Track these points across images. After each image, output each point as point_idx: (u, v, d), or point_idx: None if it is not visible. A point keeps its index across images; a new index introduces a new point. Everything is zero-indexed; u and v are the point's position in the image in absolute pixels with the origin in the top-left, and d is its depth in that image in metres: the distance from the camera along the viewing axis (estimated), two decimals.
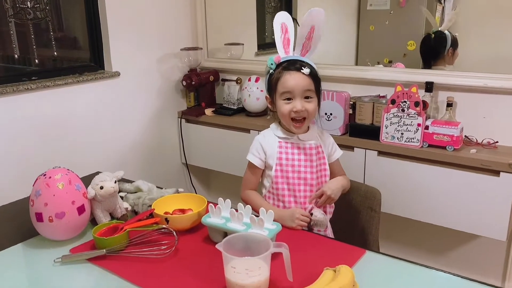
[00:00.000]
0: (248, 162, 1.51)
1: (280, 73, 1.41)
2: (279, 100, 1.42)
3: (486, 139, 1.90)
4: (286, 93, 1.40)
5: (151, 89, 2.57)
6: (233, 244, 1.03)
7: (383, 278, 1.08)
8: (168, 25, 2.59)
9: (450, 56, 2.24)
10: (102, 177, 1.31)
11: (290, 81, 1.39)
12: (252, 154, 1.50)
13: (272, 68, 1.45)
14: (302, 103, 1.40)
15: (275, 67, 1.44)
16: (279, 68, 1.43)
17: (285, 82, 1.40)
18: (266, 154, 1.47)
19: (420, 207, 1.93)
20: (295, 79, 1.39)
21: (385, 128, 1.95)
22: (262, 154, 1.48)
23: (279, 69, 1.42)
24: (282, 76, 1.40)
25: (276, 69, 1.44)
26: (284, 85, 1.40)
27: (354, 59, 2.73)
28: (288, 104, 1.41)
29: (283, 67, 1.42)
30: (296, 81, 1.39)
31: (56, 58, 2.26)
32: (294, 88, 1.39)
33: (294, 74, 1.39)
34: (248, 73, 2.52)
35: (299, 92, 1.39)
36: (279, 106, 1.43)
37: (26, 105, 2.01)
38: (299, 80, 1.39)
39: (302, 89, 1.39)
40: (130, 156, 2.51)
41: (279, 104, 1.42)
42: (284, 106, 1.41)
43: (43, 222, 1.20)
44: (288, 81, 1.39)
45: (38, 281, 1.12)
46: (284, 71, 1.41)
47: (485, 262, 2.11)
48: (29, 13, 2.05)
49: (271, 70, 1.45)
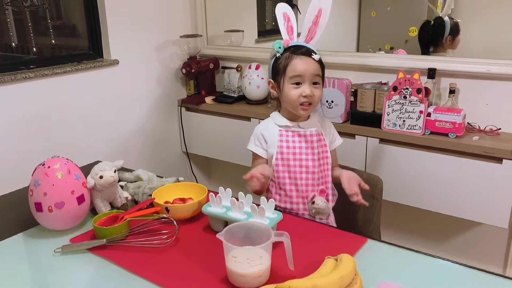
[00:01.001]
0: (252, 154, 1.49)
1: (289, 57, 1.40)
2: (287, 85, 1.41)
3: (488, 126, 1.89)
4: (296, 77, 1.39)
5: (150, 77, 2.55)
6: (234, 233, 1.03)
7: (385, 267, 1.08)
8: (167, 12, 2.56)
9: (449, 44, 2.21)
10: (101, 167, 1.29)
11: (301, 65, 1.38)
12: (254, 144, 1.48)
13: (279, 52, 1.43)
14: (311, 88, 1.39)
15: (282, 51, 1.43)
16: (287, 52, 1.41)
17: (295, 66, 1.38)
18: (267, 143, 1.46)
19: (422, 194, 1.92)
20: (306, 64, 1.38)
21: (387, 115, 1.93)
22: (264, 143, 1.47)
23: (288, 53, 1.41)
24: (292, 60, 1.39)
25: (284, 53, 1.42)
26: (294, 68, 1.38)
27: (356, 46, 2.70)
28: (297, 88, 1.39)
29: (292, 51, 1.41)
30: (308, 65, 1.38)
31: (54, 46, 2.24)
32: (304, 73, 1.38)
33: (305, 59, 1.39)
34: (248, 60, 2.50)
35: (309, 77, 1.39)
36: (287, 90, 1.41)
37: (24, 94, 1.99)
38: (310, 65, 1.38)
39: (312, 74, 1.39)
40: (130, 145, 2.50)
41: (287, 89, 1.41)
42: (292, 90, 1.40)
43: (42, 212, 1.20)
44: (298, 65, 1.38)
45: (38, 271, 1.11)
46: (294, 55, 1.39)
47: (487, 249, 2.11)
48: (25, 1, 2.03)
49: (278, 54, 1.43)
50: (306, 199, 1.43)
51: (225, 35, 2.73)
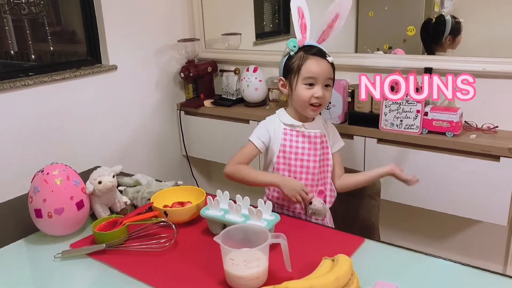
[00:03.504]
0: (248, 142, 1.48)
1: (304, 58, 1.40)
2: (300, 85, 1.41)
3: (486, 124, 1.89)
4: (310, 79, 1.39)
5: (149, 82, 2.56)
6: (231, 236, 1.03)
7: (382, 266, 1.08)
8: (164, 16, 2.57)
9: (449, 43, 2.21)
10: (100, 172, 1.31)
11: (316, 66, 1.39)
12: (256, 136, 1.48)
13: (293, 50, 1.43)
14: (323, 90, 1.40)
15: (296, 50, 1.43)
16: (301, 51, 1.42)
17: (310, 67, 1.39)
18: (270, 139, 1.47)
19: (420, 193, 1.93)
20: (321, 66, 1.39)
21: (384, 115, 1.94)
22: (267, 139, 1.47)
23: (302, 53, 1.41)
24: (307, 61, 1.39)
25: (297, 52, 1.42)
26: (310, 69, 1.39)
27: (354, 46, 2.71)
28: (309, 89, 1.40)
29: (307, 51, 1.41)
30: (322, 67, 1.39)
31: (53, 53, 2.25)
32: (319, 74, 1.39)
33: (320, 61, 1.39)
34: (246, 63, 2.50)
35: (322, 79, 1.39)
36: (299, 90, 1.41)
37: (23, 101, 2.00)
38: (325, 67, 1.39)
39: (325, 76, 1.40)
40: (130, 150, 2.51)
41: (300, 89, 1.41)
42: (305, 91, 1.40)
43: (42, 218, 1.21)
44: (313, 66, 1.39)
45: (39, 277, 1.12)
46: (309, 56, 1.40)
47: (487, 247, 2.11)
48: (23, 8, 2.04)
49: (292, 52, 1.43)
50: None
51: (223, 38, 2.74)
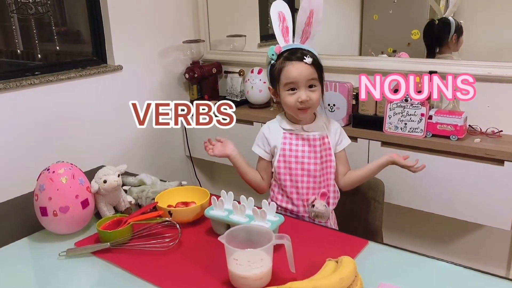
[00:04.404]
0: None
1: (282, 64, 1.38)
2: (283, 91, 1.40)
3: (490, 128, 1.89)
4: (290, 84, 1.38)
5: (154, 82, 2.57)
6: (235, 236, 1.04)
7: (386, 269, 1.08)
8: (169, 17, 2.58)
9: (454, 43, 2.21)
10: (105, 171, 1.31)
11: (293, 71, 1.37)
12: (257, 145, 1.51)
13: (273, 58, 1.42)
14: (306, 93, 1.37)
15: (276, 57, 1.41)
16: (281, 58, 1.40)
17: (288, 73, 1.37)
18: (270, 145, 1.47)
19: (424, 197, 1.93)
20: (298, 69, 1.36)
21: (389, 118, 1.94)
22: (267, 146, 1.48)
23: (281, 60, 1.40)
24: (284, 67, 1.38)
25: (278, 59, 1.41)
26: (287, 76, 1.37)
27: (358, 49, 2.71)
28: (292, 95, 1.39)
29: (285, 57, 1.39)
30: (299, 71, 1.36)
31: (59, 52, 2.26)
32: (297, 79, 1.37)
33: (297, 64, 1.37)
34: (250, 65, 2.51)
35: (303, 82, 1.37)
36: (283, 97, 1.41)
37: (29, 100, 2.02)
38: (302, 70, 1.36)
39: (305, 78, 1.37)
40: (134, 150, 2.52)
41: (283, 95, 1.40)
42: (288, 97, 1.39)
43: (47, 216, 1.21)
44: (291, 72, 1.37)
45: (43, 275, 1.13)
46: (286, 62, 1.38)
47: (490, 251, 2.10)
48: (30, 8, 2.05)
49: (273, 61, 1.42)
50: (306, 201, 1.44)
51: (228, 40, 2.75)
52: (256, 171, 1.53)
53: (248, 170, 1.51)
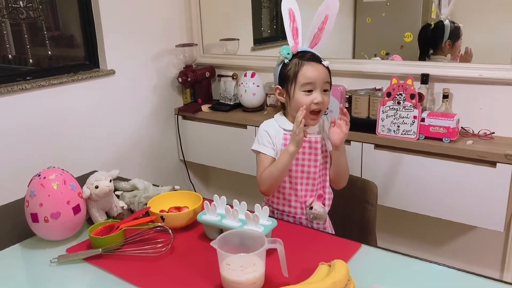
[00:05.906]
0: (259, 155, 1.45)
1: (300, 64, 1.38)
2: (298, 92, 1.39)
3: (482, 130, 1.90)
4: (308, 85, 1.37)
5: (147, 87, 2.56)
6: (228, 241, 1.03)
7: (379, 272, 1.08)
8: (162, 21, 2.58)
9: (449, 48, 2.21)
10: (97, 176, 1.30)
11: (313, 72, 1.37)
12: (263, 145, 1.44)
13: (288, 58, 1.41)
14: (322, 95, 1.38)
15: (291, 57, 1.41)
16: (295, 58, 1.40)
17: (307, 73, 1.37)
18: (275, 144, 1.44)
19: (417, 199, 1.93)
20: (317, 70, 1.37)
21: (381, 121, 1.94)
22: (273, 144, 1.44)
23: (296, 59, 1.39)
24: (303, 67, 1.38)
25: (292, 59, 1.41)
26: (307, 75, 1.37)
27: (351, 52, 2.72)
28: (308, 95, 1.38)
29: (300, 57, 1.40)
30: (319, 72, 1.37)
31: (51, 57, 2.25)
32: (317, 79, 1.37)
33: (316, 66, 1.38)
34: (244, 68, 2.51)
35: (320, 83, 1.38)
36: (298, 97, 1.39)
37: (21, 105, 2.00)
38: (321, 72, 1.38)
39: (323, 80, 1.38)
40: (127, 155, 2.51)
41: (298, 96, 1.39)
42: (304, 97, 1.38)
43: (38, 222, 1.20)
44: (310, 72, 1.37)
45: (35, 282, 1.12)
46: (304, 62, 1.38)
47: (483, 253, 2.11)
48: (22, 13, 2.04)
49: (286, 60, 1.41)
50: (304, 204, 1.43)
51: (221, 43, 2.75)
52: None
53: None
